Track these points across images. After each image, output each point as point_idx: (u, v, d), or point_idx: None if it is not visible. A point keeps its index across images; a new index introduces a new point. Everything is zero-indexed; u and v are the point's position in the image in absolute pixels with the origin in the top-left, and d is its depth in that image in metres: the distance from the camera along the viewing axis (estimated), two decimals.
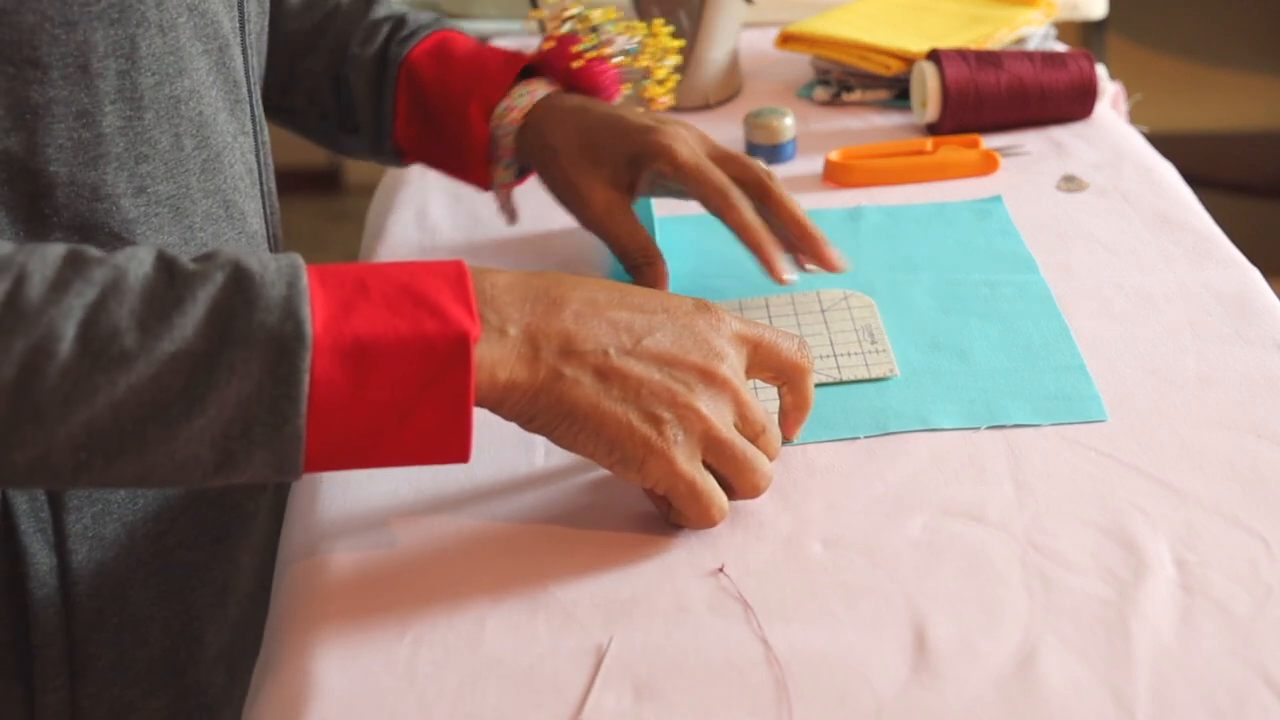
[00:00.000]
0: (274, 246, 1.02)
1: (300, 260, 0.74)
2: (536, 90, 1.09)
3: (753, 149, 1.30)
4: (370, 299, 0.74)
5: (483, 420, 0.95)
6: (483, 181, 1.12)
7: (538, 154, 1.07)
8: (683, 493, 0.79)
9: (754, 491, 0.82)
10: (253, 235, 0.95)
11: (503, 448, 0.92)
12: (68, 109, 0.79)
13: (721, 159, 1.03)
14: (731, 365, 0.81)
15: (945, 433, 0.91)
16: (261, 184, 0.98)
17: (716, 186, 1.00)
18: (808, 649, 0.74)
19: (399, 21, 1.15)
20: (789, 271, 1.00)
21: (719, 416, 0.80)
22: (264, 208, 0.99)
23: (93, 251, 0.72)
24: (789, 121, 1.30)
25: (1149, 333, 1.00)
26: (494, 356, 0.76)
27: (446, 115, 1.10)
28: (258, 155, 0.97)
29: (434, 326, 0.73)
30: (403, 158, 1.17)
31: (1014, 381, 0.95)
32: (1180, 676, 0.71)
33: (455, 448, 0.75)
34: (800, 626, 0.76)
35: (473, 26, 1.71)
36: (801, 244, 1.02)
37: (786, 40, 1.47)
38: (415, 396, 0.73)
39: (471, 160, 1.11)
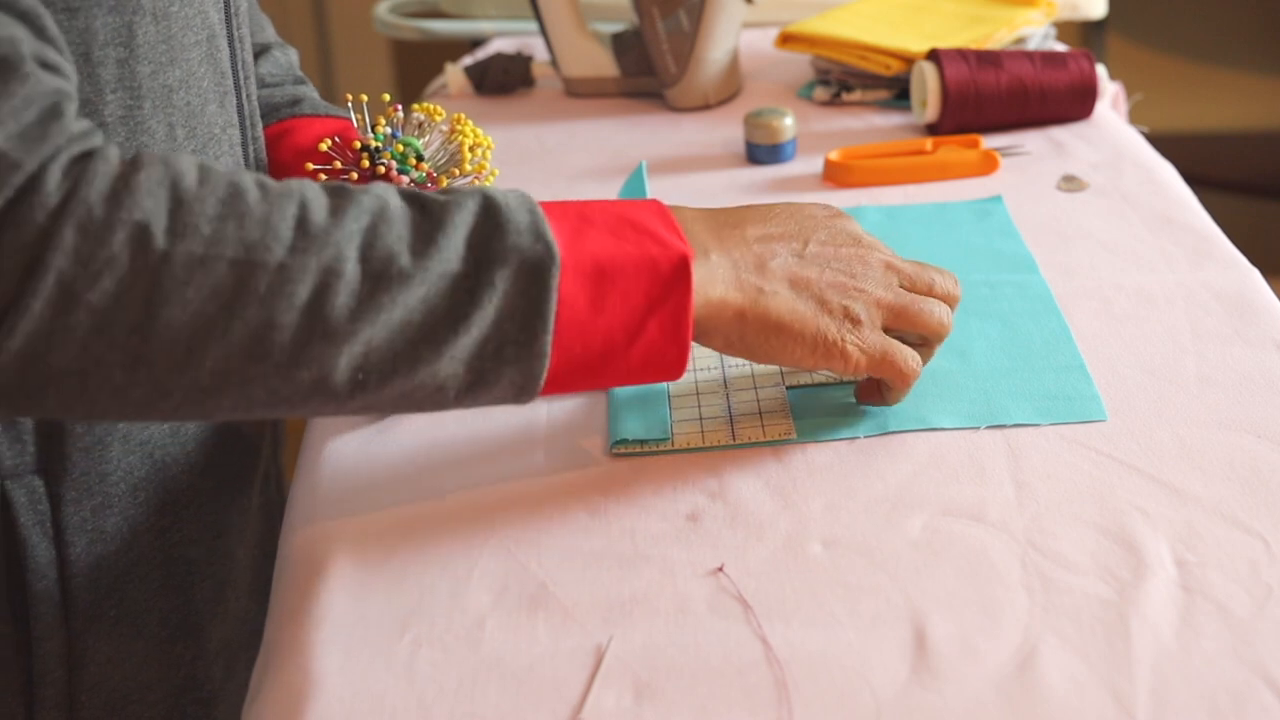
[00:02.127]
0: None
1: (528, 193, 0.80)
2: None
3: (753, 149, 1.31)
4: (595, 226, 0.79)
5: (483, 419, 0.95)
6: None
7: None
8: (878, 360, 0.86)
9: (940, 330, 0.89)
10: None
11: (503, 448, 0.92)
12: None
13: None
14: (869, 241, 0.90)
15: (945, 433, 0.91)
16: None
17: None
18: (808, 649, 0.74)
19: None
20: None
21: (886, 287, 0.88)
22: None
23: (345, 184, 0.77)
24: (789, 121, 1.30)
25: (1149, 333, 1.00)
26: (704, 277, 0.82)
27: None
28: (246, 149, 0.97)
29: (657, 249, 0.79)
30: None
31: (1014, 381, 0.95)
32: (1180, 676, 0.71)
33: (673, 365, 0.81)
34: (800, 626, 0.76)
35: (473, 27, 1.71)
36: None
37: (786, 40, 1.47)
38: (644, 315, 0.79)
39: None
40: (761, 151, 1.30)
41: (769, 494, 0.86)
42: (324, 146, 1.01)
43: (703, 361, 1.00)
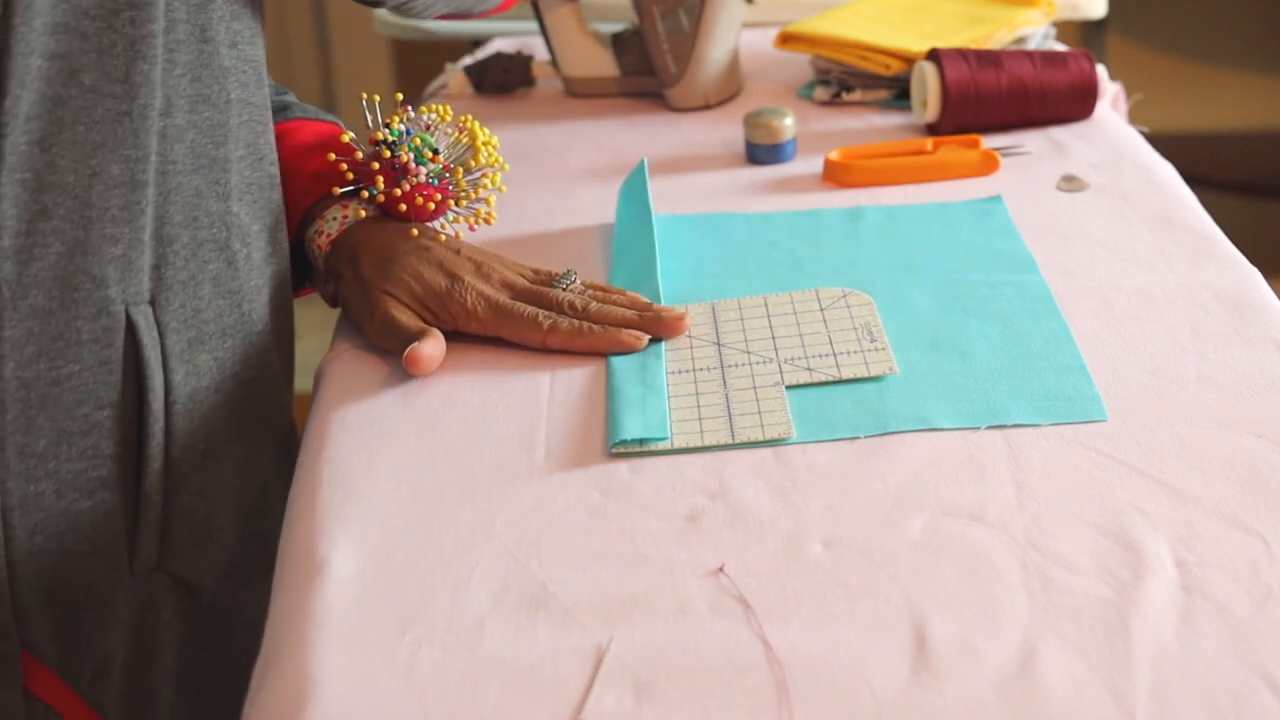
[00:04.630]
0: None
1: None
2: (350, 214, 1.07)
3: (753, 149, 1.30)
4: None
5: (483, 419, 0.95)
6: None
7: (349, 280, 1.05)
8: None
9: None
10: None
11: (503, 447, 0.92)
12: None
13: (529, 293, 1.03)
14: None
15: (945, 433, 0.91)
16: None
17: (525, 326, 1.01)
18: (808, 649, 0.74)
19: None
20: (643, 339, 1.01)
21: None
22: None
23: None
24: (789, 121, 1.30)
25: (1149, 333, 1.00)
26: None
27: None
28: None
29: None
30: None
31: (1014, 381, 0.95)
32: (1180, 676, 0.71)
33: None
34: (800, 626, 0.76)
35: (473, 27, 1.71)
36: (645, 322, 1.02)
37: (786, 40, 1.47)
38: None
39: None
40: (761, 151, 1.30)
41: (769, 494, 0.86)
42: (346, 138, 1.07)
43: (703, 361, 1.00)
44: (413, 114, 1.07)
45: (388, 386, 0.99)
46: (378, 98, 1.08)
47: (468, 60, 1.60)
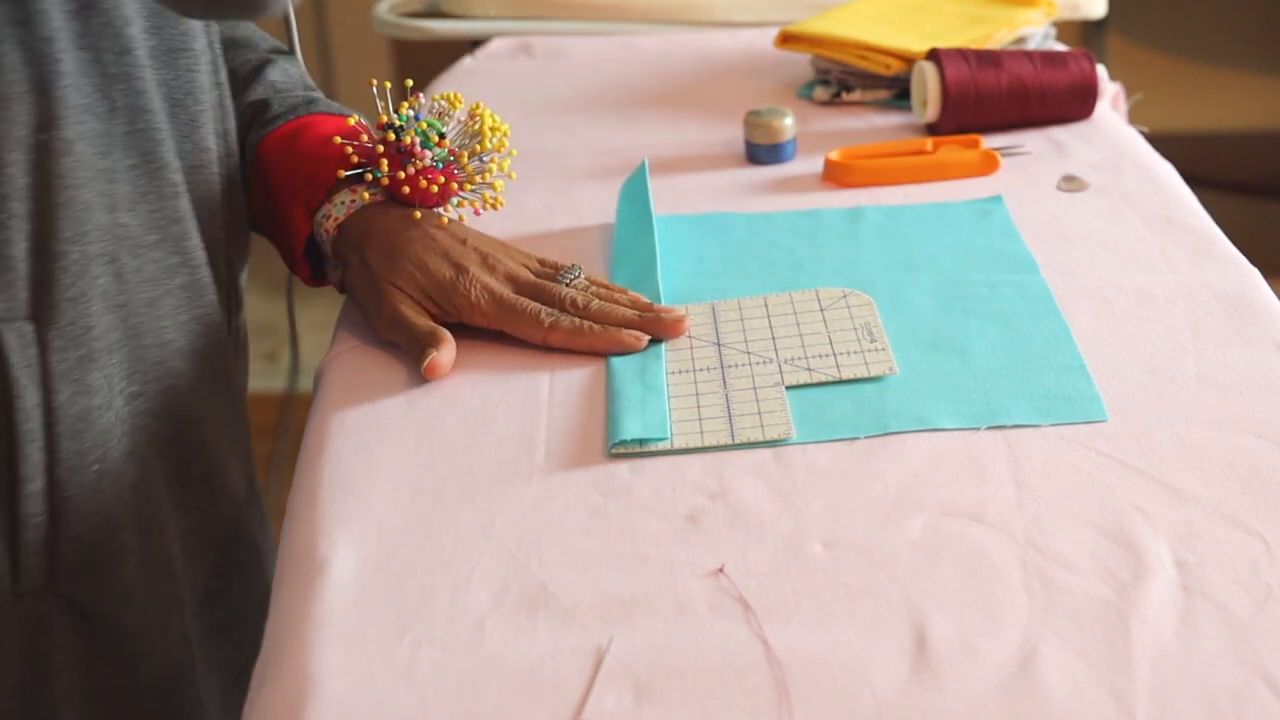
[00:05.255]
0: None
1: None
2: (358, 198, 1.07)
3: (753, 149, 1.30)
4: None
5: (484, 419, 0.95)
6: (305, 277, 1.11)
7: (355, 267, 1.05)
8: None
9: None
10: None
11: (503, 448, 0.92)
12: None
13: (532, 287, 1.03)
14: None
15: (945, 433, 0.91)
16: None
17: (527, 321, 1.01)
18: (808, 649, 0.74)
19: (263, 105, 1.13)
20: (643, 340, 1.01)
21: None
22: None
23: None
24: (789, 121, 1.30)
25: (1149, 333, 1.00)
26: None
27: (278, 208, 1.09)
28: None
29: None
30: (262, 232, 1.15)
31: (1014, 381, 0.95)
32: (1180, 676, 0.71)
33: None
34: (800, 627, 0.76)
35: (473, 26, 1.71)
36: (645, 323, 1.02)
37: (786, 40, 1.47)
38: None
39: (291, 257, 1.10)
40: (761, 151, 1.30)
41: (769, 494, 0.86)
42: (352, 121, 1.07)
43: (703, 362, 1.00)
44: (423, 100, 1.08)
45: (388, 387, 0.99)
46: (388, 84, 1.09)
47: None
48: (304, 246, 1.08)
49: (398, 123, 1.06)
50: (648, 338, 1.01)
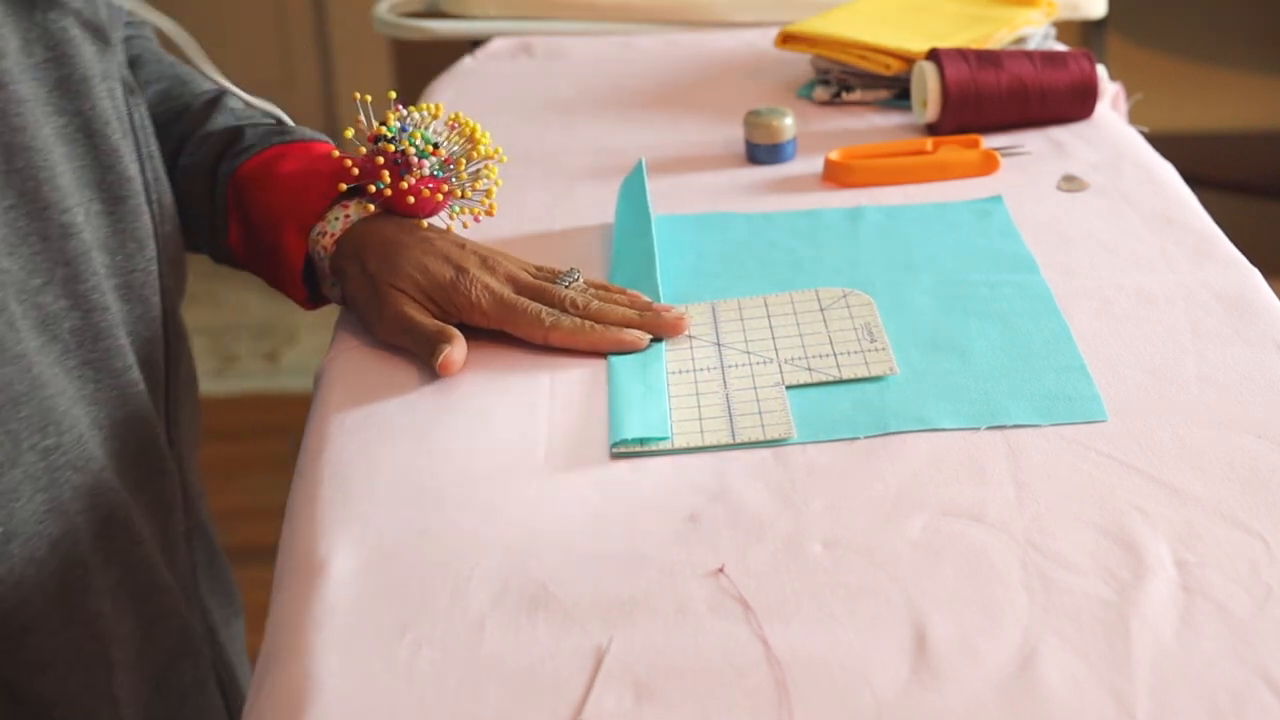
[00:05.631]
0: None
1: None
2: (351, 213, 1.06)
3: (753, 149, 1.30)
4: None
5: (483, 419, 0.95)
6: (301, 299, 1.10)
7: (355, 277, 1.05)
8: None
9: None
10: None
11: (503, 448, 0.92)
12: None
13: (533, 288, 1.03)
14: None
15: (945, 433, 0.91)
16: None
17: (528, 321, 1.01)
18: (808, 649, 0.74)
19: (234, 135, 1.11)
20: (644, 339, 1.01)
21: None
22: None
23: None
24: (789, 121, 1.30)
25: (1149, 333, 1.00)
26: None
27: (265, 236, 1.08)
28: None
29: None
30: (238, 264, 1.14)
31: (1014, 381, 0.95)
32: (1180, 676, 0.71)
33: None
34: (800, 627, 0.76)
35: (473, 26, 1.71)
36: (645, 322, 1.02)
37: (786, 40, 1.47)
38: None
39: (289, 281, 1.09)
40: (761, 151, 1.30)
41: (769, 494, 0.86)
42: (349, 134, 1.06)
43: (703, 361, 1.00)
44: (404, 111, 1.07)
45: (388, 387, 0.99)
46: (369, 97, 1.08)
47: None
48: (303, 268, 1.07)
49: (390, 134, 1.05)
50: (649, 337, 1.01)
